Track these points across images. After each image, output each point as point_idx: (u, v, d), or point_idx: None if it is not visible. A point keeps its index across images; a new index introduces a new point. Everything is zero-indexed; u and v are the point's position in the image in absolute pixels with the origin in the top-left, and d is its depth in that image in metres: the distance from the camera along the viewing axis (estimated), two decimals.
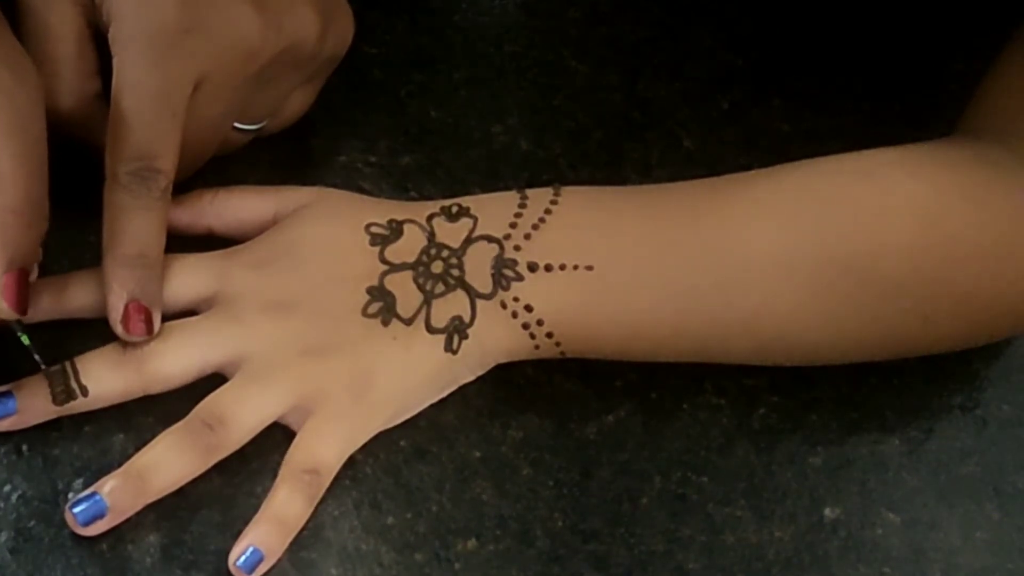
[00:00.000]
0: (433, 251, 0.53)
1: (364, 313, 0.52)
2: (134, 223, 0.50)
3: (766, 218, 0.53)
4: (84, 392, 0.50)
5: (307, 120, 0.59)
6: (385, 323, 0.52)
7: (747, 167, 0.55)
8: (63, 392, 0.50)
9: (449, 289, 0.53)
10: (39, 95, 0.46)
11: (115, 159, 0.50)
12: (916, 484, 0.55)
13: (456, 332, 0.52)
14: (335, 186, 0.57)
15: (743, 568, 0.52)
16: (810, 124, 0.63)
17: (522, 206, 0.54)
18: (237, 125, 0.55)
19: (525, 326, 0.52)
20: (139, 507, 0.49)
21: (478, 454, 0.53)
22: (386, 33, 0.64)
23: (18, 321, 0.48)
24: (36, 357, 0.49)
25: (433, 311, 0.52)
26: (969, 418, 0.57)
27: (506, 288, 0.52)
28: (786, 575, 0.52)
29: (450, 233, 0.53)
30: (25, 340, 0.49)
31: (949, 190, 0.53)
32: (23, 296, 0.47)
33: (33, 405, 0.50)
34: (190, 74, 0.51)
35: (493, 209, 0.54)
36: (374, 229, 0.54)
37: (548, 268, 0.52)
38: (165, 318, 0.51)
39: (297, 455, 0.51)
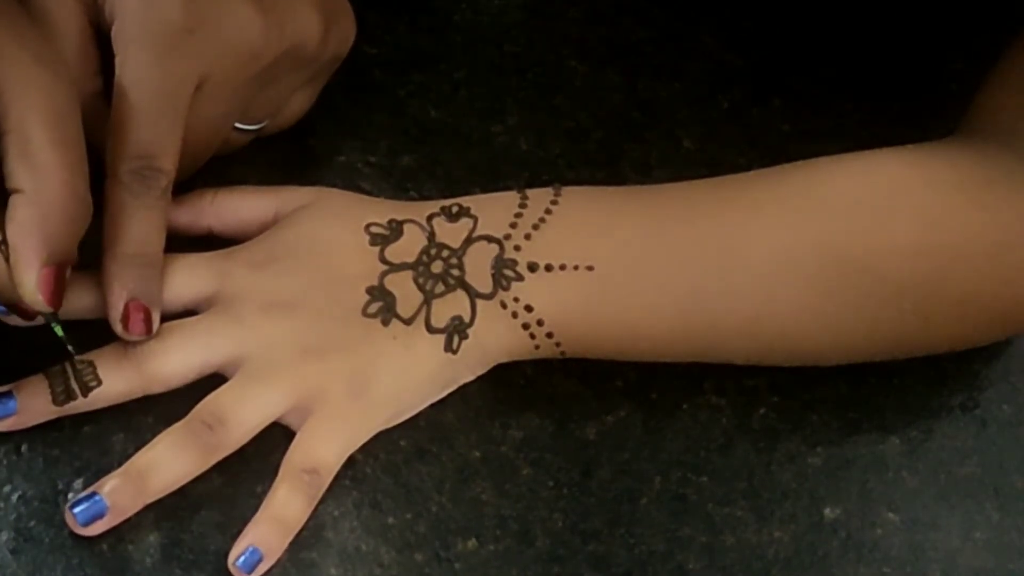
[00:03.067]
0: (433, 251, 0.53)
1: (364, 313, 0.52)
2: (134, 222, 0.50)
3: (766, 218, 0.53)
4: (85, 392, 0.50)
5: (307, 120, 0.59)
6: (385, 323, 0.52)
7: (747, 167, 0.55)
8: (63, 392, 0.50)
9: (449, 289, 0.53)
10: (74, 93, 0.47)
11: (116, 158, 0.50)
12: (916, 484, 0.55)
13: (456, 332, 0.52)
14: (335, 186, 0.57)
15: (743, 568, 0.52)
16: (810, 124, 0.63)
17: (522, 206, 0.54)
18: (238, 125, 0.55)
19: (525, 326, 0.53)
20: (139, 507, 0.49)
21: (478, 454, 0.53)
22: (386, 33, 0.64)
23: (54, 315, 0.48)
24: (69, 348, 0.50)
25: (433, 311, 0.52)
26: (969, 418, 0.57)
27: (506, 288, 0.52)
28: (786, 575, 0.52)
29: (450, 233, 0.53)
30: (59, 331, 0.49)
31: (950, 190, 0.53)
32: (59, 291, 0.47)
33: (33, 405, 0.50)
34: (192, 74, 0.51)
35: (493, 209, 0.54)
36: (374, 229, 0.54)
37: (548, 268, 0.52)
38: (165, 318, 0.51)
39: (297, 455, 0.51)
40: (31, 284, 0.46)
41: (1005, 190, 0.53)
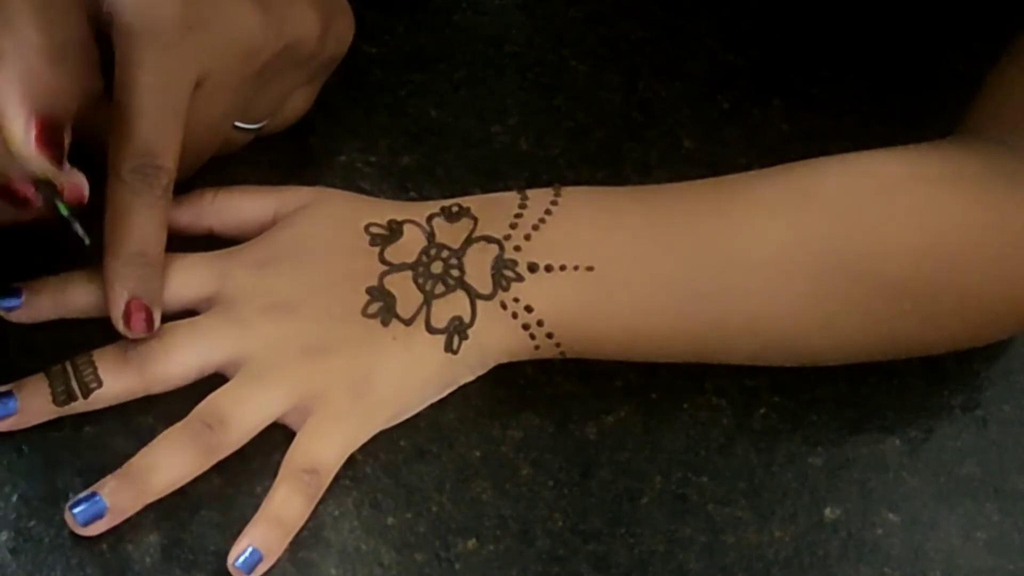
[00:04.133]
0: (433, 251, 0.53)
1: (364, 313, 0.52)
2: (136, 221, 0.50)
3: (766, 219, 0.53)
4: (85, 393, 0.50)
5: (307, 120, 0.59)
6: (385, 323, 0.52)
7: (747, 167, 0.55)
8: (64, 393, 0.50)
9: (449, 289, 0.53)
10: None
11: (118, 156, 0.50)
12: (916, 484, 0.55)
13: (456, 332, 0.52)
14: (335, 186, 0.57)
15: (743, 568, 0.52)
16: (810, 124, 0.63)
17: (522, 206, 0.54)
18: (238, 124, 0.55)
19: (525, 327, 0.53)
20: (139, 507, 0.49)
21: (478, 454, 0.53)
22: (386, 33, 0.64)
23: (54, 190, 0.46)
24: (77, 229, 0.47)
25: (433, 311, 0.52)
26: (969, 418, 0.57)
27: (506, 289, 0.52)
28: (786, 575, 0.52)
29: (450, 233, 0.54)
30: (64, 211, 0.47)
31: (951, 191, 0.53)
32: (54, 143, 0.44)
33: (33, 405, 0.50)
34: (192, 72, 0.51)
35: (493, 209, 0.54)
36: (374, 229, 0.54)
37: (548, 269, 0.52)
38: (165, 318, 0.51)
39: (297, 455, 0.51)
40: (20, 133, 0.44)
41: (1006, 190, 0.53)
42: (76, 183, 0.47)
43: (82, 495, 0.49)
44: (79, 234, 0.48)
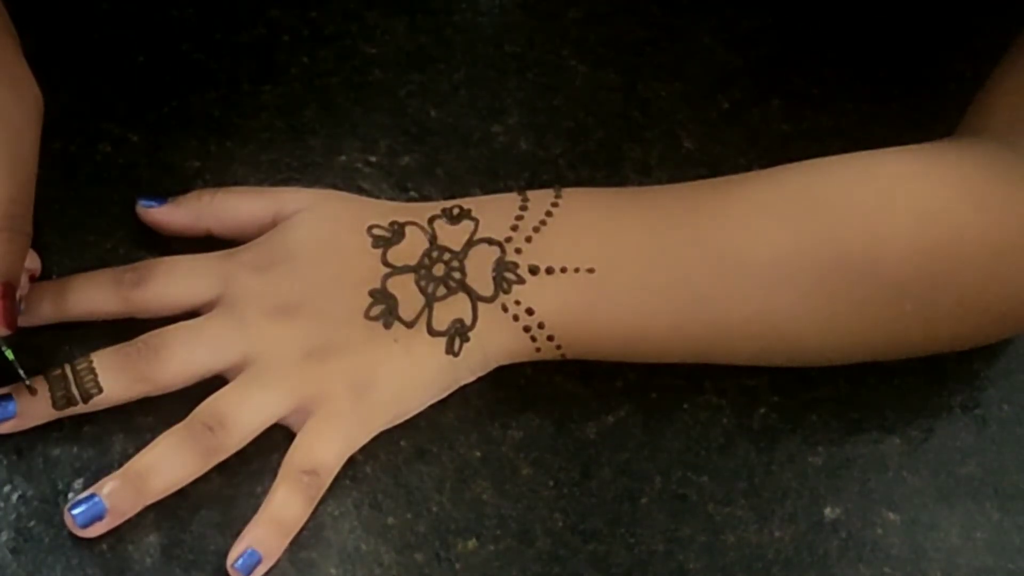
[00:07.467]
0: (435, 254, 0.53)
1: (366, 316, 0.52)
2: None
3: (766, 220, 0.53)
4: (85, 399, 0.50)
5: (307, 120, 0.59)
6: (387, 326, 0.52)
7: (747, 167, 0.55)
8: (63, 398, 0.50)
9: (451, 292, 0.53)
10: (36, 115, 0.47)
11: None
12: (916, 484, 0.55)
13: (457, 335, 0.52)
14: (335, 186, 0.57)
15: (743, 568, 0.52)
16: (810, 124, 0.63)
17: (523, 208, 0.54)
18: None
19: (526, 329, 0.52)
20: (138, 509, 0.49)
21: (478, 454, 0.53)
22: (386, 33, 0.64)
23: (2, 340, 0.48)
24: (20, 372, 0.49)
25: (435, 314, 0.52)
26: (969, 418, 0.57)
27: (507, 291, 0.52)
28: (786, 575, 0.52)
29: (451, 235, 0.53)
30: (9, 355, 0.49)
31: (951, 191, 0.53)
32: (10, 312, 0.47)
33: (32, 409, 0.50)
34: None
35: (494, 211, 0.54)
36: (376, 231, 0.53)
37: (549, 271, 0.52)
38: (167, 321, 0.51)
39: (297, 456, 0.51)
40: None
41: (1006, 190, 0.53)
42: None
43: (81, 496, 0.49)
44: (20, 374, 0.49)
